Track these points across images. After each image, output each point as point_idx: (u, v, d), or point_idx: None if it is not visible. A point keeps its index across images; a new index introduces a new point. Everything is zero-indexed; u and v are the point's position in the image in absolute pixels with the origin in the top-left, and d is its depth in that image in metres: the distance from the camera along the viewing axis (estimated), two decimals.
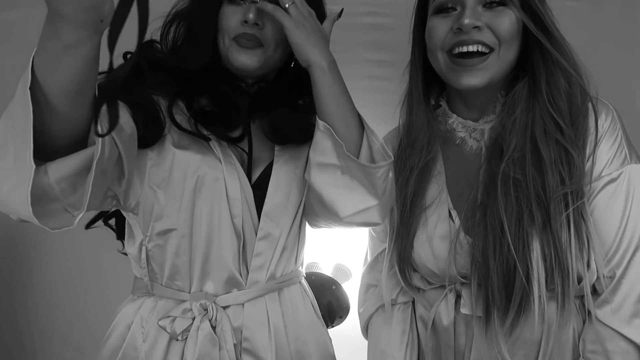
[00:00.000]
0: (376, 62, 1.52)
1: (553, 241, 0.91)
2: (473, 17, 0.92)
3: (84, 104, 0.65)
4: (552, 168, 0.92)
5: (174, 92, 0.96)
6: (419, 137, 1.05)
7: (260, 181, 0.99)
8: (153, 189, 0.92)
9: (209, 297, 0.95)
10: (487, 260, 0.93)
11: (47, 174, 0.67)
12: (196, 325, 0.93)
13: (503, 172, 0.94)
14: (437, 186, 1.05)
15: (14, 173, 0.64)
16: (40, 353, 1.77)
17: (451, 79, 0.97)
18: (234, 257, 0.95)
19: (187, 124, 0.94)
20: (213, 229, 0.94)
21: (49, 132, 0.66)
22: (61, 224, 0.72)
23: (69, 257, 1.71)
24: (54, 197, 0.68)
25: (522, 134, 0.95)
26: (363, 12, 1.58)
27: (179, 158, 0.92)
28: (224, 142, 0.96)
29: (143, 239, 0.96)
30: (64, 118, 0.65)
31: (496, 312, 0.94)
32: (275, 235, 0.99)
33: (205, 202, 0.93)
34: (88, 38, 0.57)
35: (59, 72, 0.60)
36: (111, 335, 1.01)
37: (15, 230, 1.72)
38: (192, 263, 0.95)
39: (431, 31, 0.98)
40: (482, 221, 0.95)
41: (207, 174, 0.93)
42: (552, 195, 0.90)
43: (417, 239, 1.04)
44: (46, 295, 1.75)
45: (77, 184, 0.69)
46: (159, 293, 0.98)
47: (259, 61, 0.96)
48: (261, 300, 0.99)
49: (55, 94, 0.62)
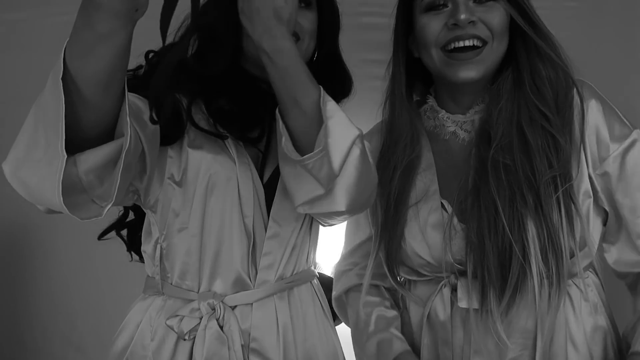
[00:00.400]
0: (376, 62, 1.51)
1: (545, 223, 0.92)
2: (468, 12, 0.94)
3: (113, 95, 0.66)
4: (539, 153, 0.94)
5: (195, 91, 0.96)
6: (402, 136, 1.05)
7: (271, 180, 0.99)
8: (172, 186, 0.93)
9: (217, 296, 0.95)
10: (482, 240, 0.95)
11: (75, 165, 0.67)
12: (203, 324, 0.93)
13: (492, 157, 0.95)
14: (426, 180, 1.05)
15: (45, 164, 0.65)
16: (41, 353, 1.77)
17: (448, 73, 0.99)
18: (243, 256, 0.95)
19: (206, 124, 0.94)
20: (224, 228, 0.94)
21: (78, 124, 0.67)
22: (90, 214, 0.72)
23: (71, 257, 1.71)
24: (81, 188, 0.69)
25: (508, 122, 0.97)
26: (363, 12, 1.59)
27: (192, 157, 0.92)
28: (240, 142, 0.96)
29: (159, 237, 0.97)
30: (94, 109, 0.66)
31: (492, 292, 0.94)
32: (284, 235, 0.98)
33: (216, 202, 0.93)
34: (122, 27, 0.58)
35: (92, 62, 0.61)
36: (121, 333, 1.01)
37: (16, 230, 1.72)
38: (201, 262, 0.95)
39: (424, 29, 0.99)
40: (475, 203, 0.97)
41: (219, 173, 0.93)
42: (541, 179, 0.92)
43: (408, 231, 1.04)
44: (47, 296, 1.75)
45: (104, 176, 0.70)
46: (169, 292, 0.98)
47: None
48: (270, 301, 0.98)
49: (87, 85, 0.63)
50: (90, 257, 1.67)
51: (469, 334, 1.00)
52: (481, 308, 0.97)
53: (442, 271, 1.02)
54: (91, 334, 1.71)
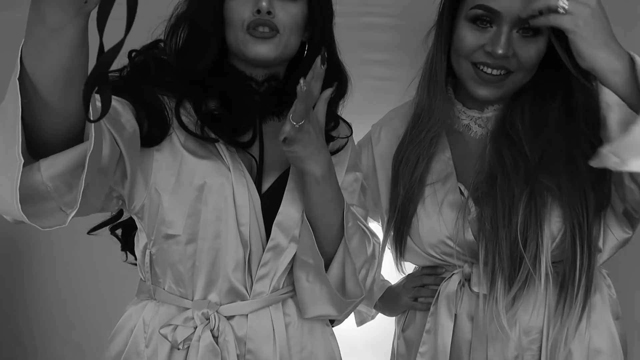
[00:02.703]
0: (376, 62, 1.51)
1: (590, 253, 0.97)
2: (506, 45, 0.94)
3: (74, 96, 0.61)
4: (593, 187, 0.97)
5: (181, 92, 0.94)
6: (435, 125, 1.08)
7: (271, 191, 0.97)
8: (158, 192, 0.90)
9: (212, 306, 0.94)
10: (496, 228, 0.98)
11: (40, 171, 0.64)
12: (197, 334, 0.92)
13: (534, 178, 0.98)
14: (443, 164, 1.08)
15: (3, 170, 0.62)
16: (41, 353, 1.77)
17: (469, 86, 1.02)
18: (239, 266, 0.94)
19: (194, 127, 0.92)
20: (219, 237, 0.92)
21: (42, 127, 0.64)
22: (53, 223, 0.68)
23: (70, 257, 1.71)
24: (48, 196, 0.66)
25: (556, 150, 0.98)
26: (363, 12, 1.58)
27: (186, 162, 0.90)
28: (232, 148, 0.94)
29: (147, 243, 0.95)
30: (55, 111, 0.63)
31: (501, 280, 0.97)
32: (283, 246, 0.96)
33: (211, 210, 0.91)
34: (72, 20, 0.56)
35: (46, 58, 0.58)
36: (115, 337, 1.00)
37: (16, 230, 1.72)
38: (196, 271, 0.93)
39: (462, 40, 1.00)
40: (491, 192, 1.00)
41: (214, 180, 0.90)
42: (589, 213, 0.96)
43: (423, 209, 1.07)
44: (47, 295, 1.75)
45: (73, 182, 0.66)
46: (161, 298, 0.97)
47: (276, 49, 0.93)
48: (265, 312, 0.97)
49: (44, 84, 0.60)
50: (89, 257, 1.67)
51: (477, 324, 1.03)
52: (489, 295, 0.99)
53: (453, 255, 1.04)
54: (90, 334, 1.70)
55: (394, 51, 1.53)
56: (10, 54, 0.63)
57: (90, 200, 0.70)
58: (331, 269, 0.97)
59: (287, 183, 0.97)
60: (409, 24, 1.13)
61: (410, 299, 1.15)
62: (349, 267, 0.97)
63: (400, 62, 1.48)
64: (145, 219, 0.93)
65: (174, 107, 0.92)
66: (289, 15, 0.93)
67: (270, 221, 0.95)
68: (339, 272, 0.98)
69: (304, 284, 0.98)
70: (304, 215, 0.95)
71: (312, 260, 0.96)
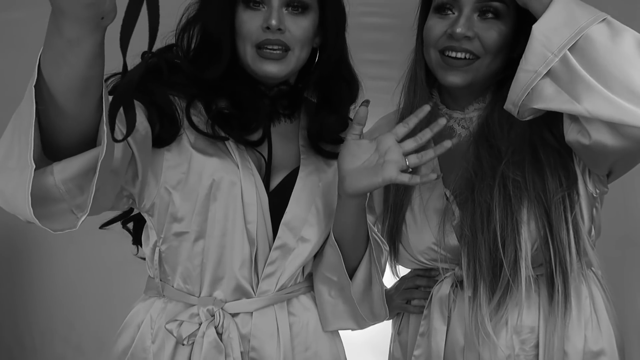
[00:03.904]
0: (376, 62, 1.52)
1: (553, 242, 0.97)
2: (466, 26, 0.97)
3: (90, 103, 0.64)
4: (551, 172, 0.97)
5: (192, 93, 0.94)
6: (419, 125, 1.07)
7: (279, 189, 0.97)
8: (168, 191, 0.91)
9: (218, 302, 0.94)
10: (475, 234, 0.99)
11: (52, 174, 0.66)
12: (202, 331, 0.92)
13: (502, 172, 0.99)
14: (429, 168, 1.09)
15: (17, 173, 0.64)
16: (40, 353, 1.77)
17: (438, 74, 1.04)
18: (245, 264, 0.94)
19: (205, 126, 0.93)
20: (226, 234, 0.92)
21: (58, 132, 0.65)
22: (64, 226, 0.70)
23: (70, 257, 1.71)
24: (59, 197, 0.67)
25: (521, 140, 1.00)
26: (363, 12, 1.58)
27: (196, 160, 0.91)
28: (241, 146, 0.94)
29: (157, 240, 0.95)
30: (71, 117, 0.64)
31: (482, 286, 0.98)
32: (290, 245, 0.97)
33: (220, 207, 0.91)
34: (89, 34, 0.57)
35: (63, 69, 0.60)
36: (122, 333, 1.01)
37: (15, 230, 1.72)
38: (203, 267, 0.94)
39: (429, 30, 1.03)
40: (469, 198, 1.01)
41: (223, 178, 0.91)
42: (552, 198, 0.96)
43: (411, 214, 1.08)
44: (47, 295, 1.75)
45: (84, 185, 0.67)
46: (170, 295, 0.97)
47: (286, 68, 0.93)
48: (270, 310, 0.98)
49: (60, 92, 0.62)
50: (89, 257, 1.67)
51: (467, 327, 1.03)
52: (473, 302, 1.00)
53: (441, 260, 1.05)
54: (90, 334, 1.70)
55: (394, 51, 1.52)
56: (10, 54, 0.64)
57: (101, 200, 0.71)
58: (354, 286, 1.00)
59: (296, 183, 0.97)
60: (409, 24, 1.13)
61: (403, 301, 1.15)
62: (376, 289, 1.00)
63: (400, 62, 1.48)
64: (155, 216, 0.94)
65: (185, 108, 0.93)
66: (300, 29, 0.92)
67: (278, 220, 0.96)
68: (362, 288, 1.00)
69: (327, 298, 1.01)
70: (331, 233, 0.98)
71: (337, 278, 0.99)
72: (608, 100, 0.79)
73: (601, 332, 1.03)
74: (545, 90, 0.84)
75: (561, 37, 0.81)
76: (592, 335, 1.02)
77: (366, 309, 1.02)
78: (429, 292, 1.10)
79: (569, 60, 0.81)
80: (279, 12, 0.90)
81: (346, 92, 1.01)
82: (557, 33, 0.82)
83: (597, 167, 0.97)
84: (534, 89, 0.85)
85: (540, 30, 0.83)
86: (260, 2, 0.91)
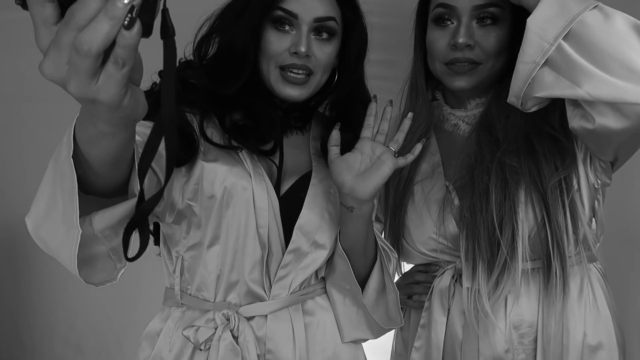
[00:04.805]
0: (376, 62, 1.51)
1: (550, 226, 0.99)
2: (467, 35, 1.01)
3: (123, 168, 0.66)
4: (546, 158, 1.00)
5: (206, 108, 0.95)
6: (420, 126, 1.13)
7: (289, 193, 0.98)
8: (188, 204, 0.93)
9: (232, 307, 0.95)
10: (474, 215, 1.01)
11: (92, 225, 0.68)
12: (218, 335, 0.93)
13: (499, 159, 1.02)
14: (432, 163, 1.13)
15: (63, 231, 0.65)
16: (40, 353, 1.77)
17: (445, 81, 1.08)
18: (257, 268, 0.95)
19: (219, 138, 0.94)
20: (239, 239, 0.93)
21: (92, 185, 0.67)
22: (104, 276, 0.74)
23: None
24: (99, 241, 0.69)
25: (517, 129, 1.04)
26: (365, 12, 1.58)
27: (207, 170, 0.92)
28: (254, 155, 0.96)
29: (180, 249, 0.97)
30: (105, 179, 0.66)
31: (481, 266, 1.00)
32: (304, 250, 0.98)
33: (233, 213, 0.92)
34: (123, 130, 0.57)
35: (97, 149, 0.61)
36: (142, 342, 1.03)
37: (15, 230, 1.72)
38: (219, 273, 0.95)
39: (431, 44, 1.07)
40: (469, 181, 1.04)
41: (235, 184, 0.92)
42: (548, 183, 0.99)
43: (412, 206, 1.11)
44: (47, 295, 1.75)
45: (120, 230, 0.69)
46: (188, 303, 0.98)
47: (307, 92, 0.96)
48: (285, 312, 0.98)
49: (95, 164, 0.63)
50: None
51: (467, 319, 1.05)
52: (472, 284, 1.02)
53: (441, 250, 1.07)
54: (90, 334, 1.70)
55: (394, 51, 1.53)
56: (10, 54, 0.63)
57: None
58: (367, 295, 1.01)
59: (309, 189, 0.99)
60: (409, 24, 1.14)
61: (404, 296, 1.17)
62: (391, 296, 1.01)
63: (400, 62, 1.48)
64: (178, 228, 0.96)
65: (199, 122, 0.94)
66: (325, 55, 0.95)
67: (289, 224, 0.97)
68: (375, 297, 1.02)
69: (341, 307, 1.03)
70: (338, 243, 0.99)
71: (349, 286, 1.00)
72: (607, 81, 0.80)
73: (601, 326, 1.04)
74: (545, 79, 0.86)
75: (555, 27, 0.83)
76: (591, 329, 1.03)
77: (381, 314, 1.03)
78: (429, 287, 1.12)
79: (564, 48, 0.83)
80: (308, 38, 0.92)
81: (362, 114, 1.02)
82: (552, 23, 0.84)
83: (602, 152, 0.98)
84: (534, 79, 0.87)
85: (535, 22, 0.85)
86: (290, 24, 0.92)
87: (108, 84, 0.47)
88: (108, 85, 0.47)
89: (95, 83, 0.47)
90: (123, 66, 0.46)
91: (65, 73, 0.46)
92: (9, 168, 1.65)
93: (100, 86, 0.47)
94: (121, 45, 0.45)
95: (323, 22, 0.93)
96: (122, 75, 0.47)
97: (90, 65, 0.45)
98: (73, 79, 0.46)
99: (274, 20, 0.92)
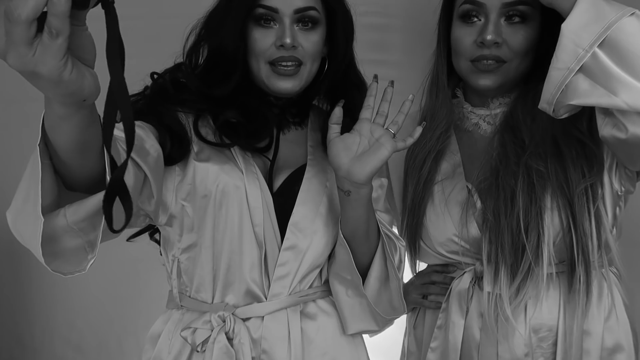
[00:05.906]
0: (376, 62, 1.51)
1: (576, 232, 0.98)
2: (494, 33, 0.99)
3: (91, 158, 0.66)
4: (573, 163, 0.99)
5: (200, 108, 0.96)
6: (440, 124, 1.12)
7: (282, 188, 0.98)
8: (181, 204, 0.93)
9: (229, 308, 0.95)
10: (497, 218, 1.00)
11: (65, 216, 0.67)
12: (213, 337, 0.93)
13: (526, 163, 1.01)
14: (452, 163, 1.12)
15: (32, 220, 0.66)
16: (40, 352, 1.77)
17: (471, 80, 1.06)
18: (255, 267, 0.95)
19: (213, 136, 0.94)
20: (234, 239, 0.93)
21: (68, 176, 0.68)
22: (74, 266, 0.72)
23: None
24: (74, 235, 0.69)
25: (544, 132, 1.02)
26: (363, 12, 1.57)
27: (199, 170, 0.92)
28: (247, 152, 0.96)
29: (175, 252, 0.97)
30: (76, 167, 0.66)
31: (504, 271, 0.99)
32: (302, 247, 0.97)
33: (227, 212, 0.92)
34: (75, 112, 0.58)
35: (60, 134, 0.62)
36: (145, 345, 1.03)
37: None
38: (215, 274, 0.95)
39: (457, 41, 1.05)
40: (494, 183, 1.03)
41: (227, 183, 0.92)
42: (575, 189, 0.98)
43: (431, 207, 1.10)
44: (47, 295, 1.75)
45: (96, 222, 0.69)
46: (186, 305, 0.99)
47: (299, 83, 0.96)
48: (282, 313, 0.97)
49: (61, 152, 0.64)
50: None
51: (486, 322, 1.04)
52: (493, 288, 1.01)
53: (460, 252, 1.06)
54: (90, 333, 1.70)
55: (394, 51, 1.53)
56: None
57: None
58: (368, 284, 1.00)
59: (302, 183, 0.98)
60: (409, 24, 1.14)
61: (419, 295, 1.16)
62: (394, 285, 1.00)
63: (400, 62, 1.48)
64: (173, 229, 0.96)
65: (193, 122, 0.94)
66: (311, 44, 0.95)
67: (284, 221, 0.96)
68: (377, 287, 1.00)
69: (344, 298, 1.01)
70: (340, 232, 0.97)
71: (350, 276, 0.99)
72: None
73: (619, 328, 1.04)
74: (580, 86, 0.84)
75: (591, 33, 0.81)
76: (610, 332, 1.03)
77: (384, 304, 1.02)
78: (445, 288, 1.11)
79: (599, 55, 0.81)
80: (292, 30, 0.92)
81: (358, 97, 1.02)
82: (587, 29, 0.82)
83: (633, 162, 0.97)
84: (567, 86, 0.85)
85: (570, 28, 0.83)
86: (272, 20, 0.93)
87: (45, 55, 0.48)
88: (45, 56, 0.48)
89: (33, 55, 0.48)
90: (57, 36, 0.47)
91: (4, 44, 0.47)
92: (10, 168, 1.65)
93: (37, 57, 0.48)
94: (52, 13, 0.46)
95: (304, 12, 0.93)
96: (58, 46, 0.48)
97: (22, 32, 0.46)
98: (11, 50, 0.48)
99: (257, 18, 0.93)
